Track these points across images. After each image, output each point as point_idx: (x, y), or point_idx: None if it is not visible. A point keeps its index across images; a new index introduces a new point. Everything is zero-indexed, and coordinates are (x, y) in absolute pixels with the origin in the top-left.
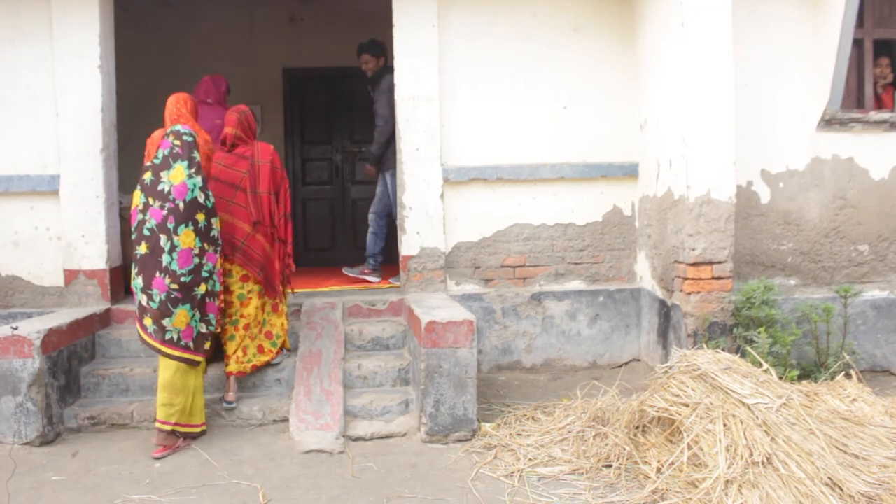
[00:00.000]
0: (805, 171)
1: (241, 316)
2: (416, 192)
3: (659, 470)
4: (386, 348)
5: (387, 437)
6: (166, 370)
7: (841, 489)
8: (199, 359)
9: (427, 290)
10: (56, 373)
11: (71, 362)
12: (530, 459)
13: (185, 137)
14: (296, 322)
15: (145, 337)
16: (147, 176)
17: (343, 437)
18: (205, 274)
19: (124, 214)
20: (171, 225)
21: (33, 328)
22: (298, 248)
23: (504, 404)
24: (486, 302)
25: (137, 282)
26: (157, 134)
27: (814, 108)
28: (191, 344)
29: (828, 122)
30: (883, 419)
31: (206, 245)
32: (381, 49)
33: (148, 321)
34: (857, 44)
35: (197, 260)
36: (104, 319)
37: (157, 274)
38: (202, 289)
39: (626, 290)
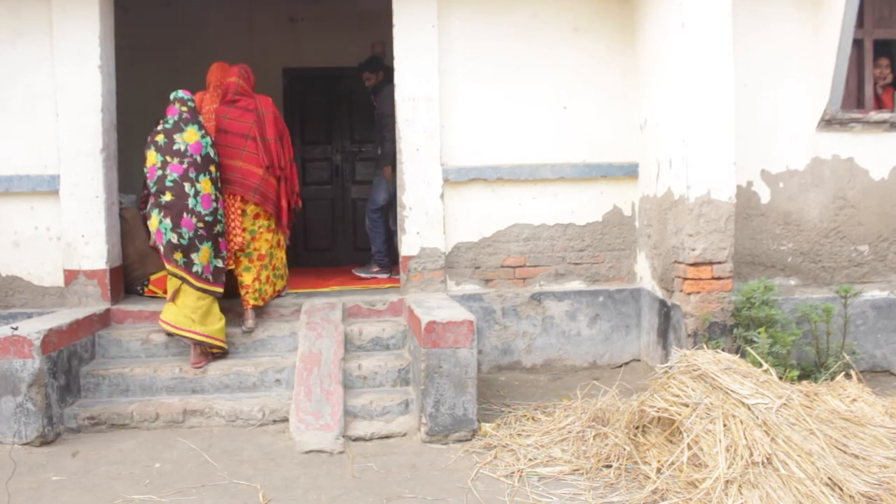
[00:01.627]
0: (805, 172)
1: (254, 249)
2: (415, 192)
3: (659, 470)
4: (386, 348)
5: (387, 437)
6: (188, 296)
7: (841, 489)
8: (218, 290)
9: (427, 291)
10: (56, 373)
11: (71, 362)
12: (530, 459)
13: (189, 104)
14: (296, 322)
15: (175, 270)
16: (160, 138)
17: (343, 437)
18: (219, 217)
19: (124, 214)
20: (192, 175)
21: (33, 328)
22: (299, 248)
23: (504, 404)
24: (486, 302)
25: (166, 223)
26: (198, 96)
27: (814, 108)
28: (210, 277)
29: (828, 123)
30: (883, 419)
31: (217, 192)
32: (380, 64)
33: (178, 255)
34: (857, 44)
35: (214, 204)
36: (104, 319)
37: (185, 215)
38: (217, 228)
39: (626, 291)
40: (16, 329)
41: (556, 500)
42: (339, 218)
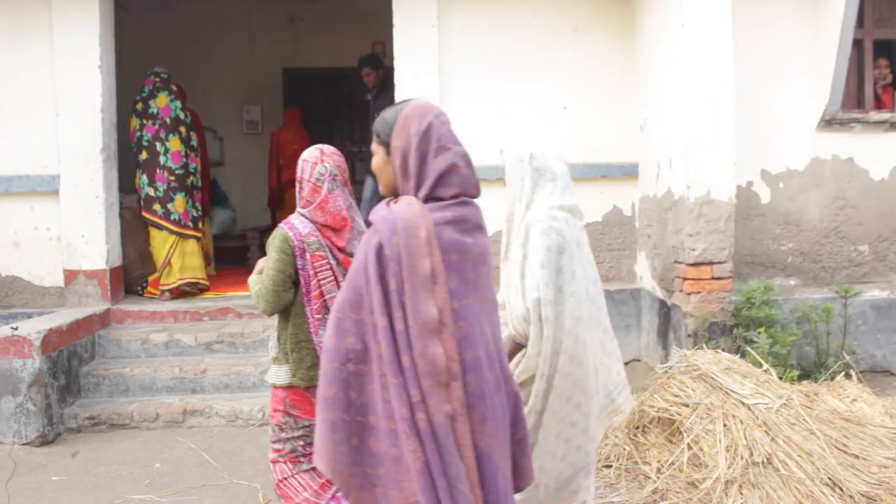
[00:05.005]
0: (805, 172)
1: None
2: None
3: (659, 470)
4: None
5: None
6: (165, 243)
7: (841, 489)
8: (196, 234)
9: None
10: (56, 373)
11: (71, 362)
12: None
13: (162, 75)
14: None
15: (154, 219)
16: (139, 106)
17: None
18: (191, 171)
19: (124, 214)
20: (162, 135)
21: (33, 328)
22: None
23: None
24: None
25: (143, 179)
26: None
27: (814, 108)
28: (189, 223)
29: (828, 123)
30: (883, 419)
31: (188, 150)
32: (380, 61)
33: (157, 206)
34: (857, 44)
35: (184, 159)
36: (104, 319)
37: (158, 171)
38: (190, 181)
39: (626, 291)
40: (16, 329)
41: None
42: None
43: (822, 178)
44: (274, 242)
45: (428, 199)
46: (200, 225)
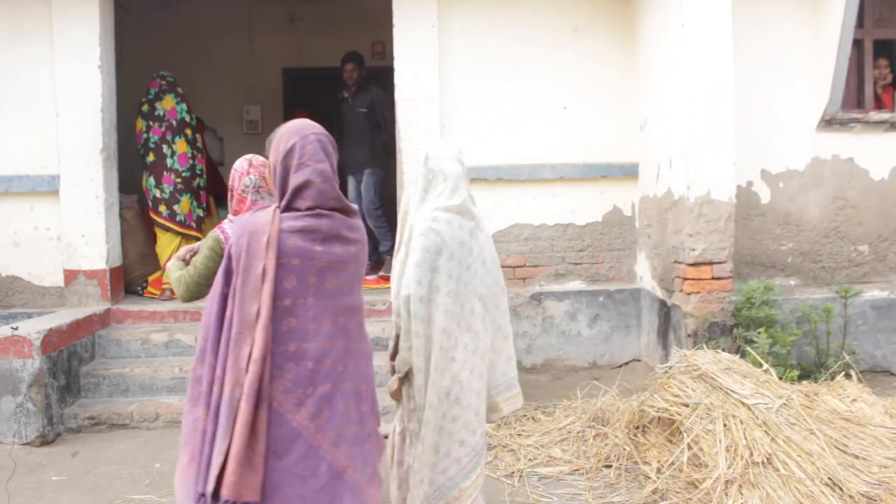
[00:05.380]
0: (805, 172)
1: None
2: None
3: (659, 470)
4: (385, 348)
5: (387, 436)
6: (170, 244)
7: (841, 489)
8: (198, 235)
9: None
10: (56, 373)
11: (71, 362)
12: (530, 459)
13: (168, 78)
14: None
15: (161, 220)
16: (145, 108)
17: None
18: (198, 172)
19: (124, 214)
20: (168, 137)
21: (33, 328)
22: None
23: None
24: None
25: (150, 181)
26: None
27: (814, 108)
28: (193, 224)
29: (828, 123)
30: (883, 419)
31: (194, 151)
32: (364, 59)
33: (163, 208)
34: (857, 44)
35: (191, 161)
36: (104, 319)
37: (165, 173)
38: (196, 182)
39: (626, 291)
40: (16, 329)
41: (555, 499)
42: None
43: (822, 178)
44: (207, 241)
45: (288, 209)
46: (204, 226)
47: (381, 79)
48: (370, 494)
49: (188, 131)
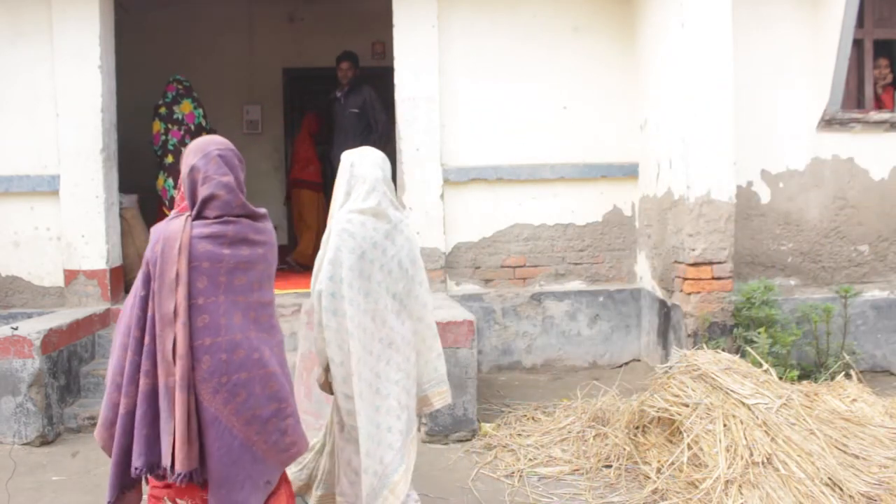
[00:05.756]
0: (805, 172)
1: None
2: (415, 192)
3: (659, 470)
4: None
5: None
6: None
7: (841, 489)
8: None
9: None
10: (56, 373)
11: (71, 362)
12: (530, 459)
13: (184, 83)
14: (295, 321)
15: None
16: (163, 110)
17: None
18: None
19: (124, 214)
20: (187, 141)
21: (33, 328)
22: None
23: (504, 404)
24: (486, 302)
25: (169, 182)
26: None
27: (814, 108)
28: None
29: (828, 123)
30: (883, 419)
31: None
32: (358, 58)
33: None
34: (857, 44)
35: None
36: (104, 319)
37: None
38: None
39: (626, 291)
40: (16, 329)
41: (556, 499)
42: None
43: (822, 178)
44: None
45: (198, 218)
46: None
47: (380, 79)
48: (280, 459)
49: (204, 134)
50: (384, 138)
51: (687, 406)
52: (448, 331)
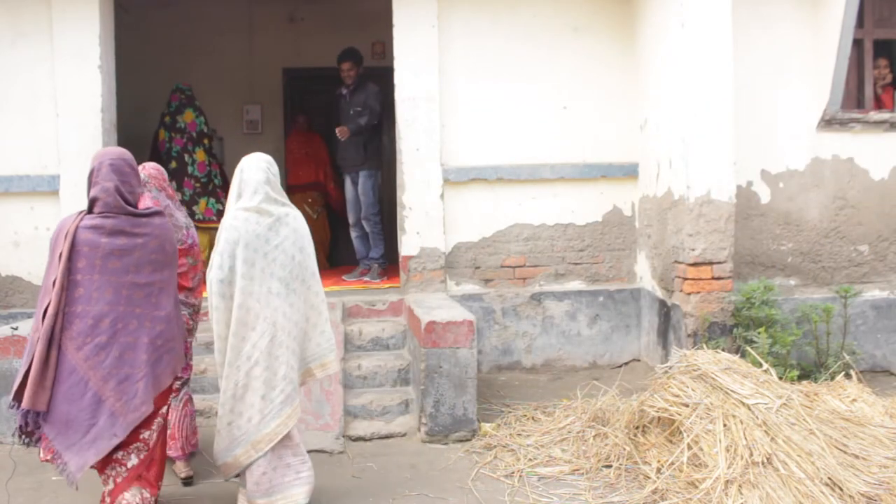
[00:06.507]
0: (805, 172)
1: None
2: (415, 192)
3: (659, 470)
4: (386, 348)
5: (387, 437)
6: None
7: (841, 489)
8: (215, 225)
9: (427, 291)
10: None
11: None
12: (530, 459)
13: (187, 92)
14: None
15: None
16: (167, 119)
17: (343, 437)
18: (213, 177)
19: None
20: (189, 147)
21: None
22: None
23: (504, 404)
24: (485, 302)
25: (173, 185)
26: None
27: (814, 108)
28: (213, 217)
29: (828, 123)
30: (883, 419)
31: (210, 158)
32: (362, 58)
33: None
34: (857, 44)
35: (208, 168)
36: None
37: (185, 178)
38: (213, 184)
39: (626, 291)
40: (16, 329)
41: (556, 500)
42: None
43: (822, 178)
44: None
45: (90, 212)
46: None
47: (380, 79)
48: (128, 419)
49: (206, 141)
50: (370, 117)
51: (687, 406)
52: (448, 331)
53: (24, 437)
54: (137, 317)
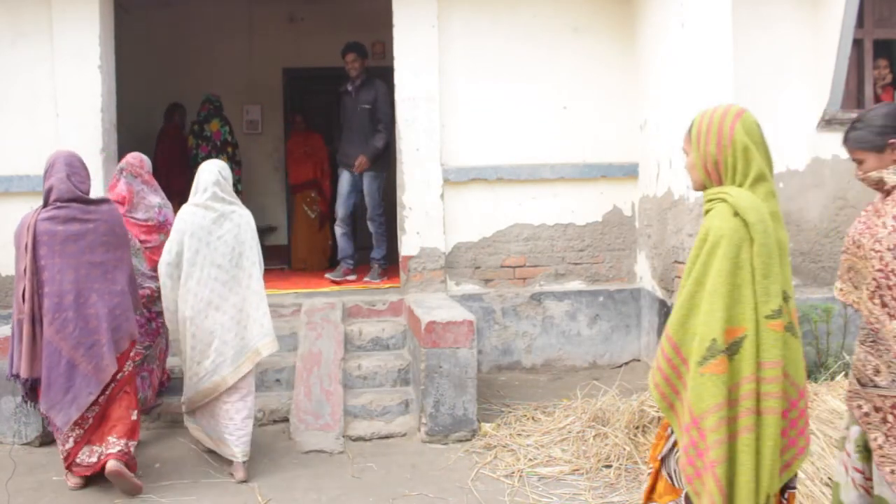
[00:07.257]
0: (805, 172)
1: None
2: (415, 192)
3: None
4: (386, 348)
5: (387, 437)
6: None
7: None
8: None
9: (427, 291)
10: None
11: None
12: (530, 459)
13: (215, 103)
14: (296, 322)
15: None
16: (195, 127)
17: (343, 437)
18: (234, 181)
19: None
20: (213, 155)
21: None
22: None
23: (504, 404)
24: (485, 302)
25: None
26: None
27: (814, 108)
28: None
29: (828, 123)
30: None
31: (233, 165)
32: (366, 51)
33: None
34: (857, 44)
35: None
36: None
37: None
38: (236, 188)
39: (626, 290)
40: None
41: (556, 500)
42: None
43: (822, 178)
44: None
45: (46, 205)
46: None
47: (380, 79)
48: (99, 378)
49: (229, 149)
50: (388, 135)
51: None
52: (448, 331)
53: (29, 401)
54: (96, 291)
